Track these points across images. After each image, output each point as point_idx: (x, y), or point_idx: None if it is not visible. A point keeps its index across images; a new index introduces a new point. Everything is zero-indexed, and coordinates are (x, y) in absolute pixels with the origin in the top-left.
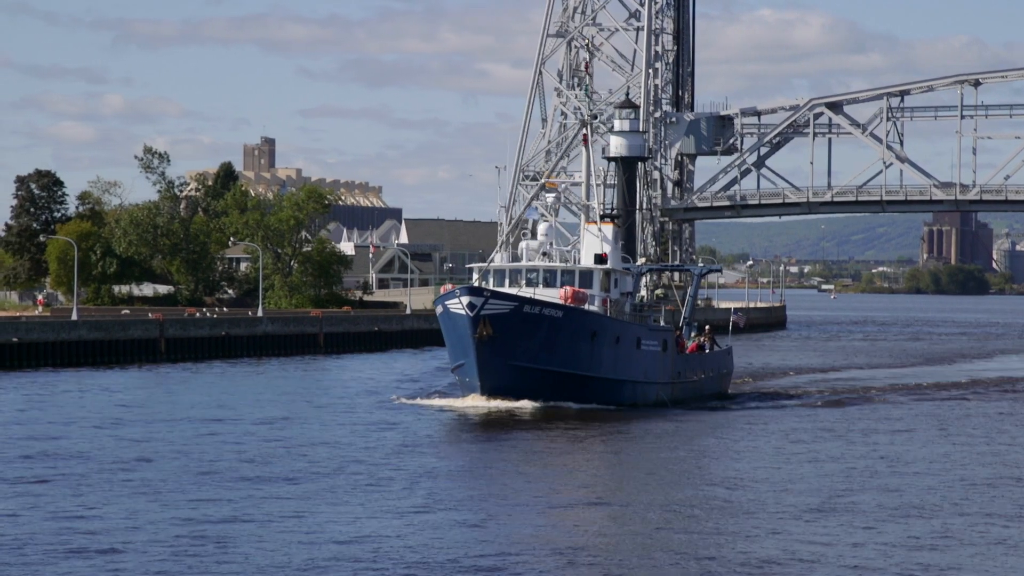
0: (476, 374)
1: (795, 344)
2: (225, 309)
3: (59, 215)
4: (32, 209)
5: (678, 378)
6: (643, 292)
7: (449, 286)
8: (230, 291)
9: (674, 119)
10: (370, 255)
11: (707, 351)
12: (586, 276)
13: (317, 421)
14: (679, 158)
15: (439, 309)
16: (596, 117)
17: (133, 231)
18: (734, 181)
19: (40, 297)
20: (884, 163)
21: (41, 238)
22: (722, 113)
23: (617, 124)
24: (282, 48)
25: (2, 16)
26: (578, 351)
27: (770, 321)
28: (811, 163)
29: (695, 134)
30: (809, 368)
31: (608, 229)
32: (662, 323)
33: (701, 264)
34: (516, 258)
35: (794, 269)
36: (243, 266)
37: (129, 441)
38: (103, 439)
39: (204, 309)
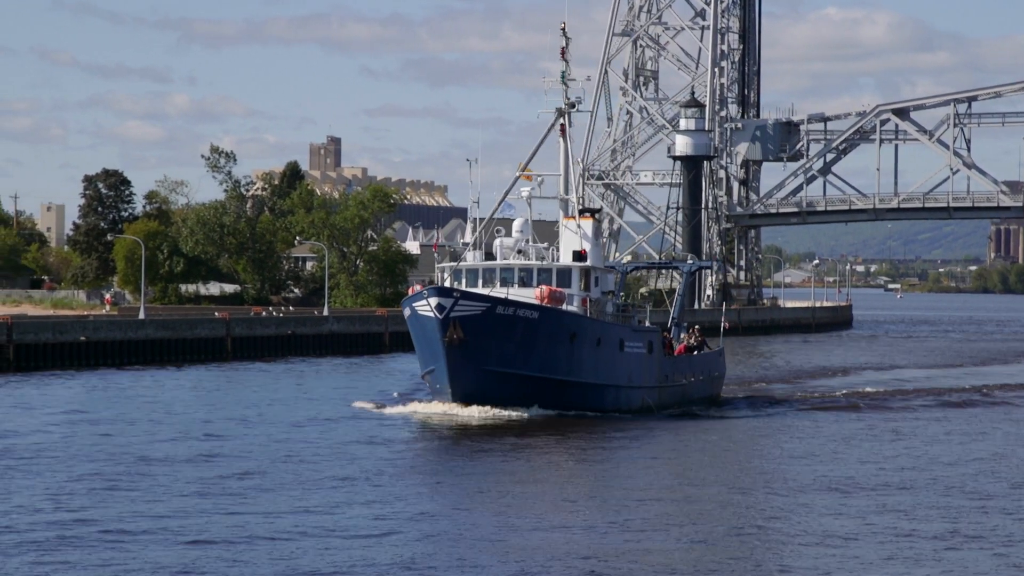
0: (447, 380)
1: (860, 344)
2: (291, 308)
3: (126, 214)
4: (100, 208)
5: (665, 382)
6: (709, 292)
7: (418, 287)
8: (296, 290)
9: (739, 125)
10: (435, 254)
11: (697, 353)
12: (564, 274)
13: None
14: (745, 164)
15: (406, 312)
16: (574, 106)
17: (200, 230)
18: (800, 187)
19: (108, 296)
20: (951, 169)
21: (109, 237)
22: (788, 119)
23: (683, 123)
24: (344, 47)
25: (68, 16)
26: (556, 354)
27: (836, 320)
28: (877, 169)
29: (761, 140)
30: (863, 367)
31: (587, 224)
32: (647, 323)
33: (691, 260)
34: (490, 256)
35: (860, 268)
36: (309, 265)
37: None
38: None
39: (270, 308)
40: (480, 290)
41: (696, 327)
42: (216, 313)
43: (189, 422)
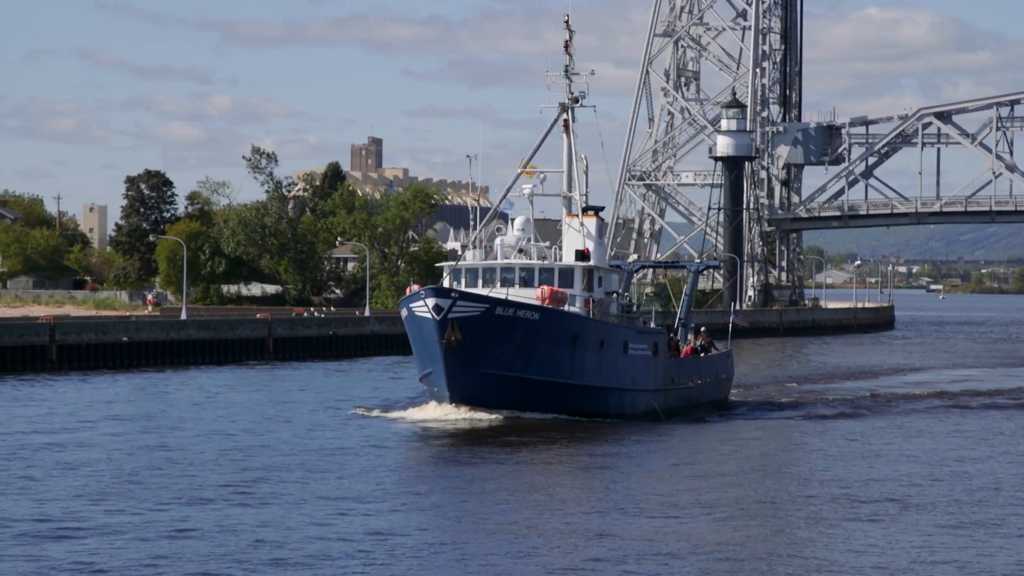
0: (444, 383)
1: (902, 344)
2: (332, 309)
3: (168, 215)
4: (142, 209)
5: (671, 385)
6: (751, 293)
7: (415, 287)
8: (337, 291)
9: (781, 128)
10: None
11: (704, 354)
12: (566, 274)
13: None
14: (786, 167)
15: (403, 312)
16: (578, 101)
17: (241, 231)
18: (841, 191)
19: (150, 297)
20: (993, 173)
21: (151, 238)
22: (829, 123)
23: (724, 124)
24: (384, 48)
25: (109, 17)
26: (557, 357)
27: (878, 321)
28: (919, 173)
29: (803, 144)
30: (902, 369)
31: (591, 223)
32: (652, 324)
33: (698, 260)
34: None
35: (902, 269)
36: (350, 266)
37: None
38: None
39: (311, 309)
40: (480, 290)
41: (703, 328)
42: (258, 314)
43: (212, 422)
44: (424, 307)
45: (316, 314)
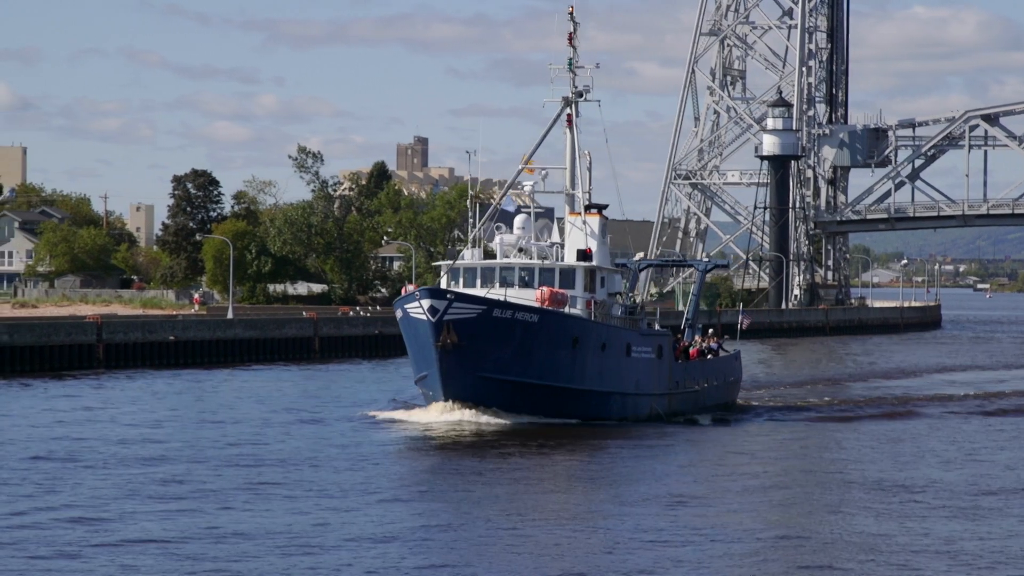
0: (440, 387)
1: (948, 344)
2: (378, 308)
3: (215, 214)
4: (189, 209)
5: (676, 388)
6: (797, 292)
7: (411, 287)
8: (383, 290)
9: (827, 131)
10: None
11: (710, 356)
12: (567, 275)
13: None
14: (833, 169)
15: (398, 313)
16: (582, 95)
17: (287, 230)
18: (888, 193)
19: (196, 296)
20: None
21: (197, 237)
22: (876, 126)
23: (770, 123)
24: (429, 48)
25: (155, 17)
26: (557, 360)
27: (925, 321)
28: (966, 175)
29: (849, 146)
30: (945, 369)
31: (594, 221)
32: (657, 326)
33: (706, 259)
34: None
35: (949, 268)
36: (396, 265)
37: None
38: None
39: (357, 308)
40: (479, 291)
41: (711, 329)
42: (304, 313)
43: (243, 420)
44: (419, 308)
45: (362, 313)
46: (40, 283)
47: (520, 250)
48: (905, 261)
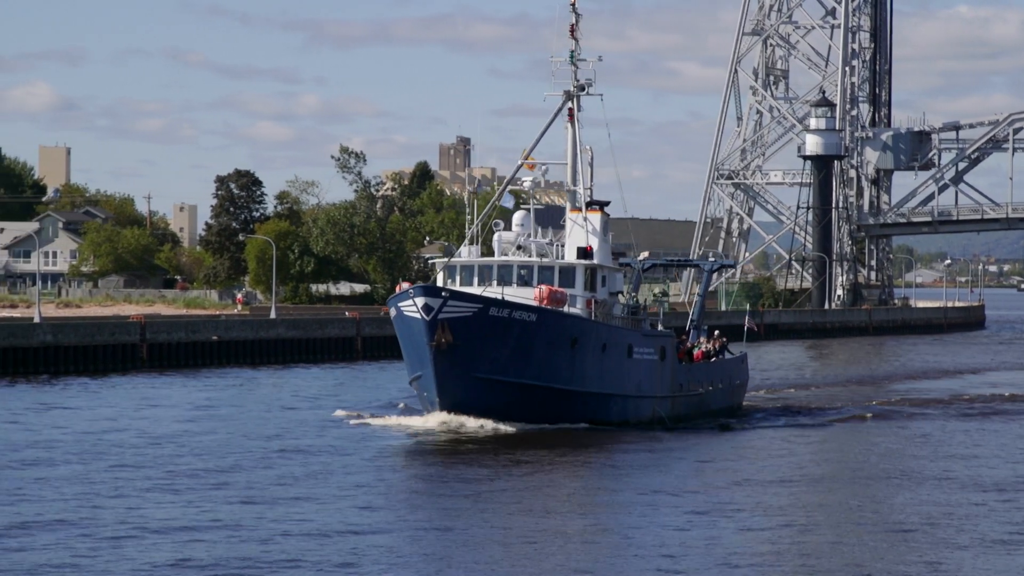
0: (434, 388)
1: (991, 345)
2: None
3: (258, 215)
4: (232, 209)
5: (679, 391)
6: (840, 292)
7: (405, 284)
8: None
9: (870, 134)
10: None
11: (715, 359)
12: (567, 273)
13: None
14: (876, 172)
15: (392, 312)
16: (584, 89)
17: (330, 230)
18: (931, 196)
19: (239, 296)
20: None
21: (240, 237)
22: (919, 129)
23: (813, 123)
24: (470, 48)
25: (197, 18)
26: (555, 361)
27: (968, 321)
28: (1010, 177)
29: (892, 149)
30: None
31: (595, 218)
32: (660, 327)
33: (713, 258)
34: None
35: (993, 268)
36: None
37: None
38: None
39: None
40: (476, 289)
41: (717, 331)
42: (346, 313)
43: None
44: (413, 307)
45: None
46: (84, 283)
47: (519, 247)
48: (949, 261)
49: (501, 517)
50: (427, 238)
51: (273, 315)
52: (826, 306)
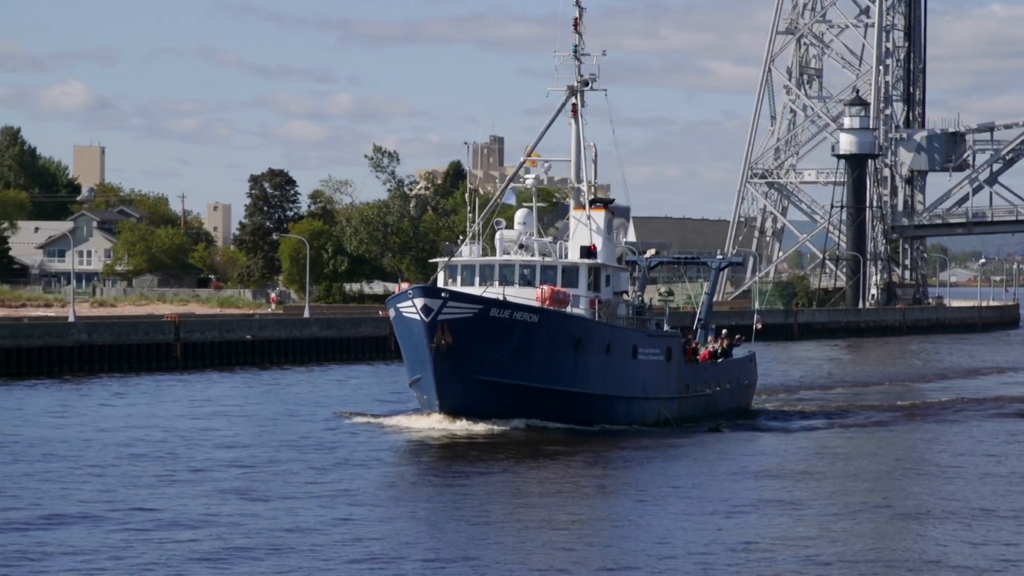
0: (434, 391)
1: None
2: None
3: (291, 214)
4: (265, 208)
5: (686, 392)
6: (874, 291)
7: (404, 285)
8: None
9: (904, 135)
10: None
11: (722, 359)
12: (570, 272)
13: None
14: (911, 173)
15: (391, 313)
16: (588, 84)
17: (363, 229)
18: (966, 197)
19: (273, 295)
20: None
21: (274, 236)
22: (954, 130)
23: (847, 121)
24: (502, 47)
25: (230, 17)
26: (558, 362)
27: (1003, 320)
28: None
29: (927, 151)
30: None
31: (599, 216)
32: (666, 327)
33: (720, 257)
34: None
35: None
36: None
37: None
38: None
39: None
40: (477, 289)
41: (724, 331)
42: (380, 312)
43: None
44: (412, 308)
45: None
46: (118, 282)
47: (521, 246)
48: (983, 260)
49: (500, 518)
50: (460, 237)
51: (307, 314)
52: (860, 305)
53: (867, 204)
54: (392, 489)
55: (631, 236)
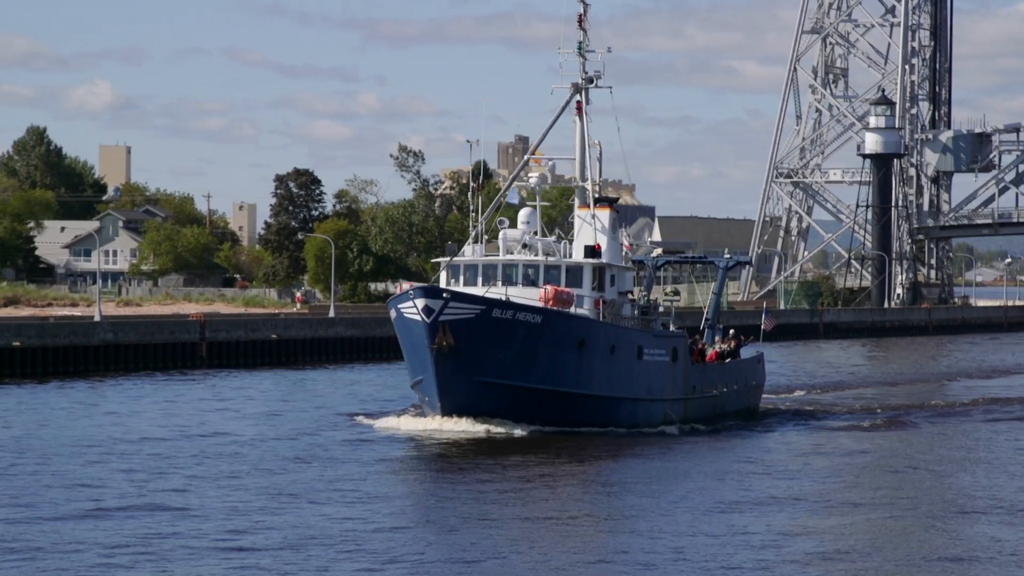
0: (435, 392)
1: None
2: None
3: (317, 213)
4: (291, 208)
5: (692, 393)
6: (899, 291)
7: (405, 285)
8: None
9: (930, 136)
10: (623, 252)
11: (729, 359)
12: (574, 272)
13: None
14: (936, 174)
15: (392, 313)
16: (592, 81)
17: (389, 229)
18: (992, 198)
19: (298, 294)
20: None
21: (299, 236)
22: (980, 131)
23: (872, 121)
24: (528, 46)
25: (256, 17)
26: (562, 364)
27: None
28: None
29: (952, 151)
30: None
31: (604, 215)
32: (672, 327)
33: (728, 256)
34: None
35: None
36: None
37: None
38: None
39: None
40: (480, 289)
41: (732, 331)
42: None
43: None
44: (413, 308)
45: None
46: (144, 282)
47: (524, 246)
48: (1009, 260)
49: (502, 518)
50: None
51: (332, 314)
52: (885, 305)
53: (893, 204)
54: (392, 489)
55: (656, 235)
